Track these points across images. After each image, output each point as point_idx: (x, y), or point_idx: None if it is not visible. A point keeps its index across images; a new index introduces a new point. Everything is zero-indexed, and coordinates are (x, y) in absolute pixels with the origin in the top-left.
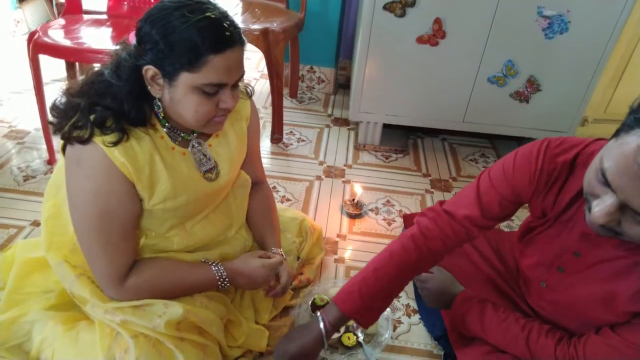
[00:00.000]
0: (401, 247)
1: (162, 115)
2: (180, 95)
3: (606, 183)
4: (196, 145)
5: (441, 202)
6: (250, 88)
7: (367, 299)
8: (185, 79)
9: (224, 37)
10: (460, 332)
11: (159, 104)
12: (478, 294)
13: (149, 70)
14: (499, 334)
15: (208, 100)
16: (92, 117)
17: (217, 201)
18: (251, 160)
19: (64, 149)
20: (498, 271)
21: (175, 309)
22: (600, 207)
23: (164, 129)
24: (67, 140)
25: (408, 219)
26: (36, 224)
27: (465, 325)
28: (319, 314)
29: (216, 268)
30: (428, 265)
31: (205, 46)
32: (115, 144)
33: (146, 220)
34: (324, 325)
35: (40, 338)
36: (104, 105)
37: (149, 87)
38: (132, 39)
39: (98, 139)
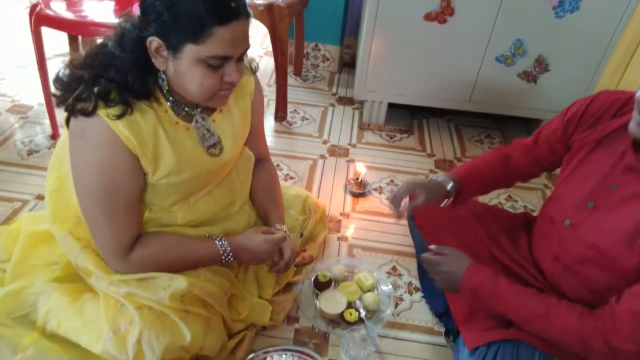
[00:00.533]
0: (495, 152)
1: (166, 88)
2: (185, 68)
3: None
4: (200, 120)
5: None
6: (255, 64)
7: (472, 177)
8: (190, 51)
9: (229, 8)
10: (463, 311)
11: (163, 76)
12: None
13: (153, 42)
14: (515, 309)
15: (213, 74)
16: (96, 89)
17: (220, 177)
18: (255, 137)
19: (67, 122)
20: (506, 251)
21: (179, 282)
22: None
23: (168, 103)
24: (71, 112)
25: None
26: (40, 197)
27: (478, 295)
28: (440, 176)
29: (220, 243)
30: (513, 172)
31: (210, 17)
32: (119, 117)
33: (150, 194)
34: (453, 180)
35: (46, 309)
36: (107, 77)
37: (153, 59)
38: (136, 10)
39: (102, 112)
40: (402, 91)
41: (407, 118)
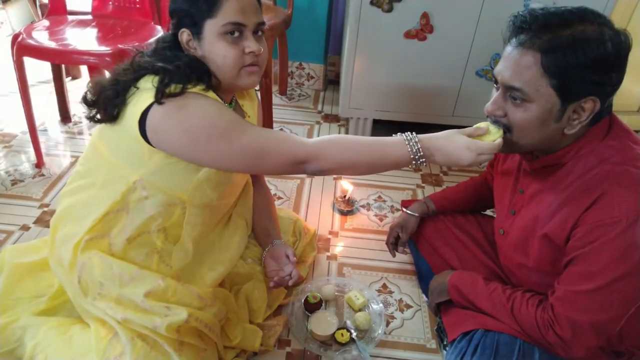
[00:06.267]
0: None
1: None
2: (209, 46)
3: (496, 81)
4: None
5: None
6: None
7: (448, 194)
8: (209, 27)
9: None
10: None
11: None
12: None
13: (183, 34)
14: (489, 305)
15: (234, 45)
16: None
17: (238, 191)
18: None
19: (141, 122)
20: (489, 255)
21: (179, 312)
22: (490, 100)
23: None
24: (160, 98)
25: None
26: (25, 228)
27: (459, 291)
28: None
29: (410, 144)
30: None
31: None
32: (206, 89)
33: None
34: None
35: (34, 343)
36: (178, 64)
37: (186, 52)
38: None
39: (191, 89)
40: (386, 107)
41: (392, 134)
